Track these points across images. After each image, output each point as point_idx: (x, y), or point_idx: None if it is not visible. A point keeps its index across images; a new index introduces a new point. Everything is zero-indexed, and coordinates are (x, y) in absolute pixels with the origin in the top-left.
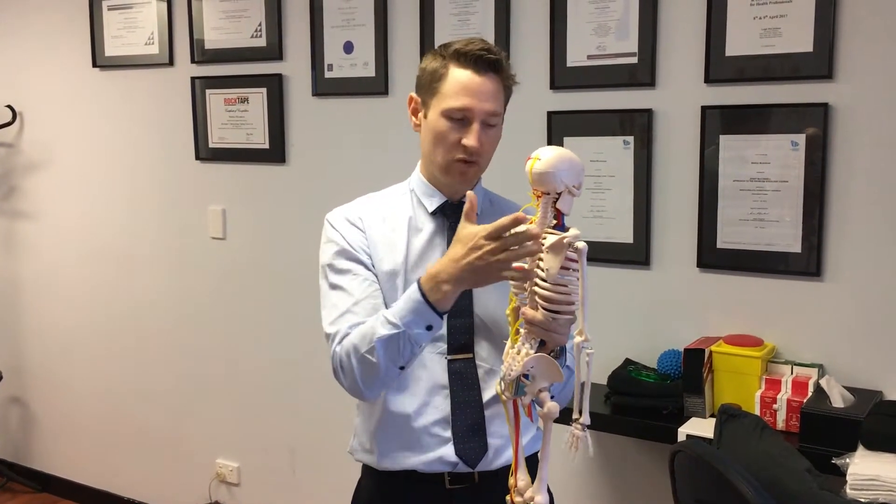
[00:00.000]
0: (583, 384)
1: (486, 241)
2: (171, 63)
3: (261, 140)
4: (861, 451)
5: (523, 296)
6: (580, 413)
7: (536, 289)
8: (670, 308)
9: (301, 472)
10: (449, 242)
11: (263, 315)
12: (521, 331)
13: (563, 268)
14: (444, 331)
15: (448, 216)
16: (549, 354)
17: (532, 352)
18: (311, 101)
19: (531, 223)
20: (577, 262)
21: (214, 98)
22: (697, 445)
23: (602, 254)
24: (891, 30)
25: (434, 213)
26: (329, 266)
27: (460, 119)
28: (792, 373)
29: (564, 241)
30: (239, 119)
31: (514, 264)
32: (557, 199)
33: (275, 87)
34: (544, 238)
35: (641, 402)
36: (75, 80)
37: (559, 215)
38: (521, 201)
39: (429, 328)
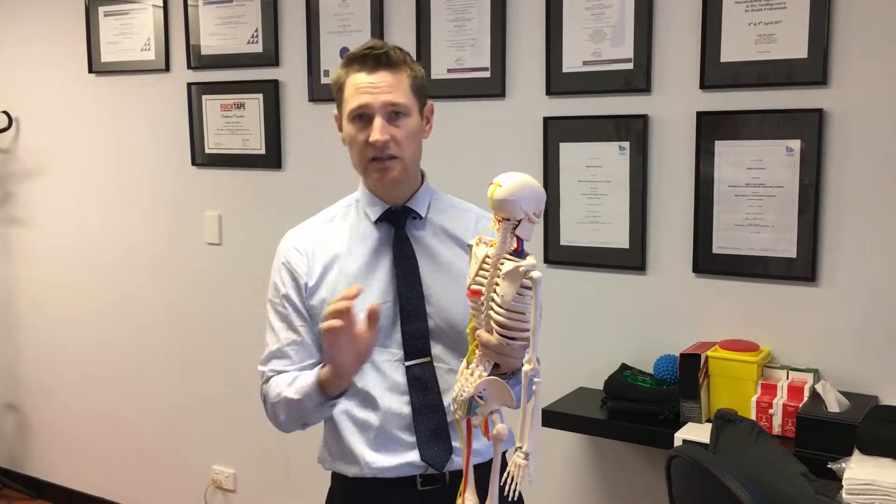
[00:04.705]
0: (529, 412)
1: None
2: (167, 69)
3: (257, 146)
4: (857, 456)
5: (481, 318)
6: (523, 441)
7: (492, 313)
8: (666, 313)
9: (296, 479)
10: (395, 250)
11: (259, 321)
12: (477, 352)
13: (518, 294)
14: (398, 336)
15: (392, 223)
16: (503, 377)
17: (485, 374)
18: (308, 106)
19: (491, 246)
20: (531, 289)
21: (211, 104)
22: (694, 450)
23: (598, 259)
24: (885, 36)
25: (378, 222)
26: (270, 302)
27: (362, 118)
28: (788, 378)
29: (520, 269)
30: (235, 125)
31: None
32: (517, 225)
33: (271, 93)
34: (502, 264)
35: (638, 408)
36: (71, 85)
37: (519, 241)
38: None
39: (318, 406)
